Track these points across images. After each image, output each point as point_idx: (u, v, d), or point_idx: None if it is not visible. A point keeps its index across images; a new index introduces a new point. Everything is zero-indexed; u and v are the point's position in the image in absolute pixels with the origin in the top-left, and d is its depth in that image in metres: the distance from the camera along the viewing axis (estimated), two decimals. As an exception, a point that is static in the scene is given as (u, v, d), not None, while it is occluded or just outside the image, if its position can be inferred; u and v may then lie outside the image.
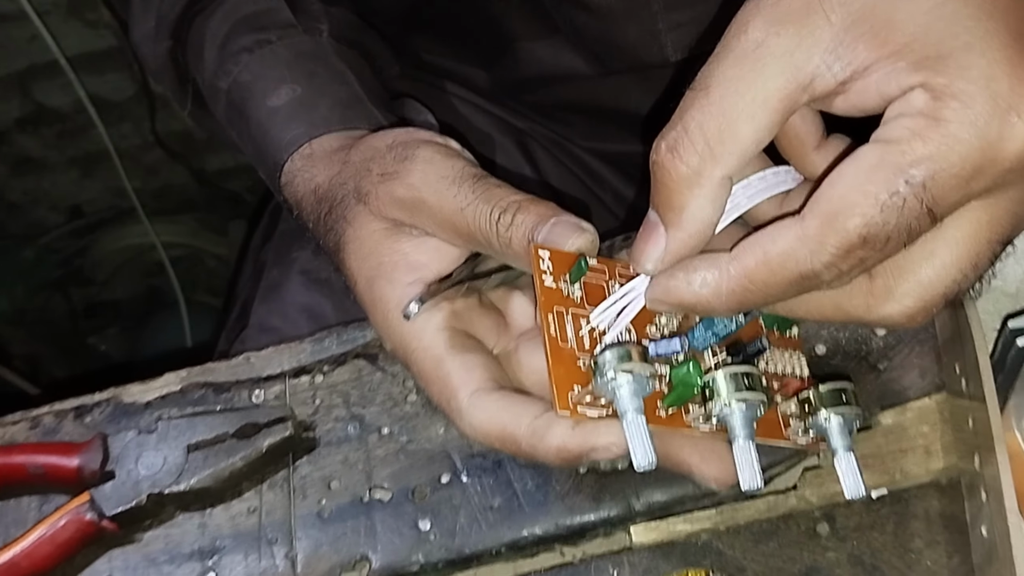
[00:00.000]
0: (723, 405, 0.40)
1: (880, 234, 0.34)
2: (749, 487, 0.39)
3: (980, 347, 0.42)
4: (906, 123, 0.33)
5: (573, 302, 0.41)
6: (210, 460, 0.50)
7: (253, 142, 0.60)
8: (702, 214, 0.37)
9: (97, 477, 0.51)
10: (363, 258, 0.47)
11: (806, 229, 0.34)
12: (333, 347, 0.56)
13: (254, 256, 0.82)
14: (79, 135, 1.42)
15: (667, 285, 0.38)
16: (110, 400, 0.56)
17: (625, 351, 0.38)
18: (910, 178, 0.33)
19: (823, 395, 0.42)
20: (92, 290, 1.66)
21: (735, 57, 0.35)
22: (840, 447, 0.41)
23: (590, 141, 0.77)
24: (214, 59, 0.64)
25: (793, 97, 0.35)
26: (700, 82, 0.36)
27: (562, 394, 0.39)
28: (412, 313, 0.43)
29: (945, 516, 0.47)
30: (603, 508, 0.49)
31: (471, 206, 0.43)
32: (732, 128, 0.35)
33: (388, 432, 0.52)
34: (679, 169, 0.36)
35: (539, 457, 0.41)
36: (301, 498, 0.51)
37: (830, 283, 0.36)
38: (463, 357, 0.44)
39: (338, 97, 0.60)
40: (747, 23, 0.35)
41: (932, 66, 0.33)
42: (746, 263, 0.36)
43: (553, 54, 0.67)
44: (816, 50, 0.34)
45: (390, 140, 0.48)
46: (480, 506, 0.49)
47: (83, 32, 1.31)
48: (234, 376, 0.55)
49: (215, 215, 1.59)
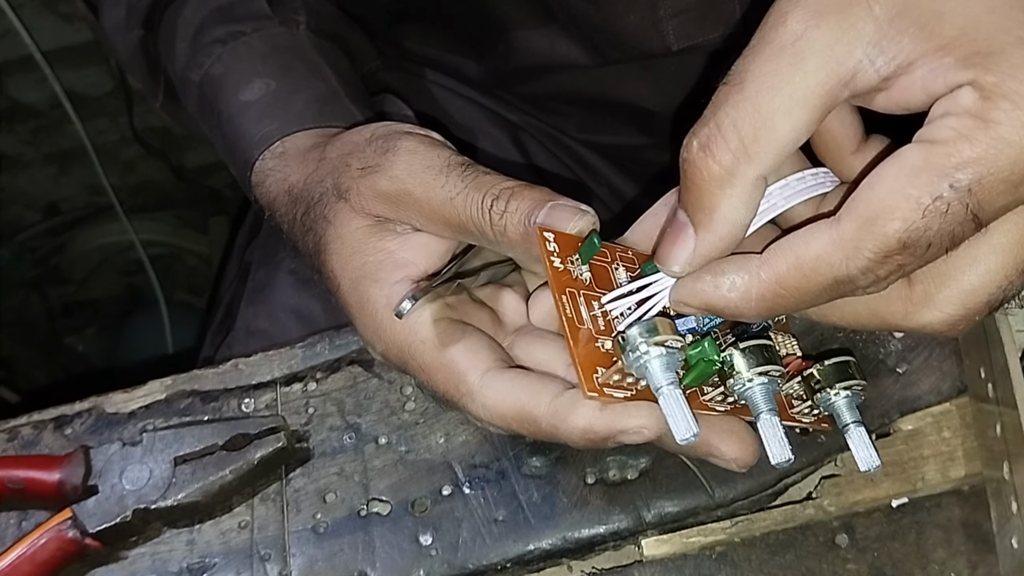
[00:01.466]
0: (745, 381, 0.39)
1: (921, 240, 0.32)
2: (779, 461, 0.38)
3: (1011, 351, 0.41)
4: (953, 123, 0.32)
5: (583, 284, 0.40)
6: (198, 473, 0.49)
7: (224, 138, 0.58)
8: (735, 215, 0.35)
9: (79, 492, 0.49)
10: (346, 258, 0.45)
11: (842, 232, 0.33)
12: (326, 352, 0.54)
13: (239, 256, 0.80)
14: (55, 131, 1.41)
15: (694, 287, 0.37)
16: (92, 410, 0.53)
17: (653, 324, 0.37)
18: (955, 182, 0.31)
19: (827, 371, 0.42)
20: (69, 289, 1.64)
21: (772, 50, 0.33)
22: (850, 421, 0.41)
23: (585, 133, 0.75)
24: (186, 50, 0.62)
25: (833, 93, 0.33)
26: (734, 76, 0.34)
27: (588, 376, 0.38)
28: (405, 311, 0.41)
29: (968, 525, 0.45)
30: (612, 520, 0.47)
31: (461, 195, 0.41)
32: (768, 125, 0.33)
33: (386, 442, 0.50)
34: (711, 168, 0.34)
35: (560, 437, 0.40)
36: (295, 512, 0.49)
37: (866, 289, 0.34)
38: (466, 341, 0.42)
39: (314, 93, 0.58)
40: (785, 14, 0.33)
41: (982, 63, 0.31)
42: (777, 267, 0.34)
43: (549, 44, 0.65)
44: (859, 43, 0.32)
45: (368, 134, 0.46)
46: (484, 519, 0.47)
47: (58, 26, 1.29)
48: (222, 384, 0.53)
49: (195, 212, 1.58)
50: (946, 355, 0.48)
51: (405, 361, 0.44)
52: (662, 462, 0.47)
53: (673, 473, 0.47)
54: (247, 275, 0.74)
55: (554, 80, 0.70)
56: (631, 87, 0.67)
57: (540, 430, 0.40)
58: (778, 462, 0.38)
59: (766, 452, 0.39)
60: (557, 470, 0.48)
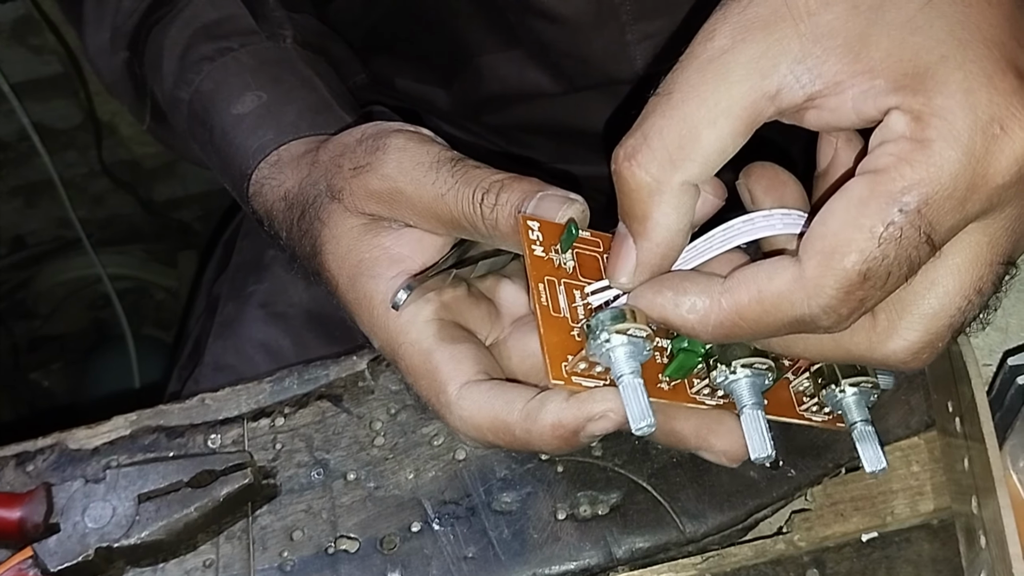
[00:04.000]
0: (728, 373, 0.39)
1: (880, 269, 0.32)
2: (759, 456, 0.38)
3: (977, 385, 0.41)
4: (891, 149, 0.32)
5: (565, 272, 0.40)
6: (163, 511, 0.48)
7: (218, 153, 0.58)
8: (667, 221, 0.35)
9: (41, 530, 0.48)
10: (342, 257, 0.45)
11: (803, 271, 0.33)
12: (294, 387, 0.53)
13: (207, 290, 0.79)
14: (22, 164, 1.40)
15: (653, 300, 0.37)
16: (54, 446, 0.52)
17: (620, 312, 0.37)
18: (904, 206, 0.32)
19: (838, 367, 0.41)
20: (35, 324, 1.62)
21: (700, 63, 0.34)
22: (858, 420, 0.40)
23: (555, 163, 0.76)
24: (174, 69, 0.62)
25: (758, 106, 0.34)
26: (663, 88, 0.35)
27: (555, 363, 0.38)
28: (400, 302, 0.41)
29: (938, 560, 0.45)
30: (583, 556, 0.46)
31: (452, 191, 0.42)
32: (693, 135, 0.34)
33: (354, 478, 0.50)
34: (639, 177, 0.35)
35: (534, 443, 0.40)
36: (261, 550, 0.48)
37: (829, 329, 0.34)
38: (452, 349, 0.42)
39: (307, 103, 0.58)
40: (714, 30, 0.34)
41: (910, 84, 0.32)
42: (739, 298, 0.35)
43: (517, 71, 0.66)
44: (783, 60, 0.33)
45: (359, 135, 0.47)
46: (453, 556, 0.47)
47: (27, 58, 1.29)
48: (188, 419, 0.53)
49: (164, 246, 1.57)
50: (914, 389, 0.48)
51: (395, 359, 0.44)
52: (633, 497, 0.47)
53: (644, 508, 0.47)
54: (215, 309, 0.73)
55: (523, 109, 0.70)
56: (598, 115, 0.68)
57: (515, 438, 0.40)
58: (757, 457, 0.38)
59: (748, 446, 0.38)
60: (528, 505, 0.48)
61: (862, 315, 0.34)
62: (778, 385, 0.41)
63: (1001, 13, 0.33)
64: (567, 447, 0.40)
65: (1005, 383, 0.42)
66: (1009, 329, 0.48)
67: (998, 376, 0.45)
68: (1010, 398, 0.42)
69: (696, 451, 0.42)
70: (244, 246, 0.76)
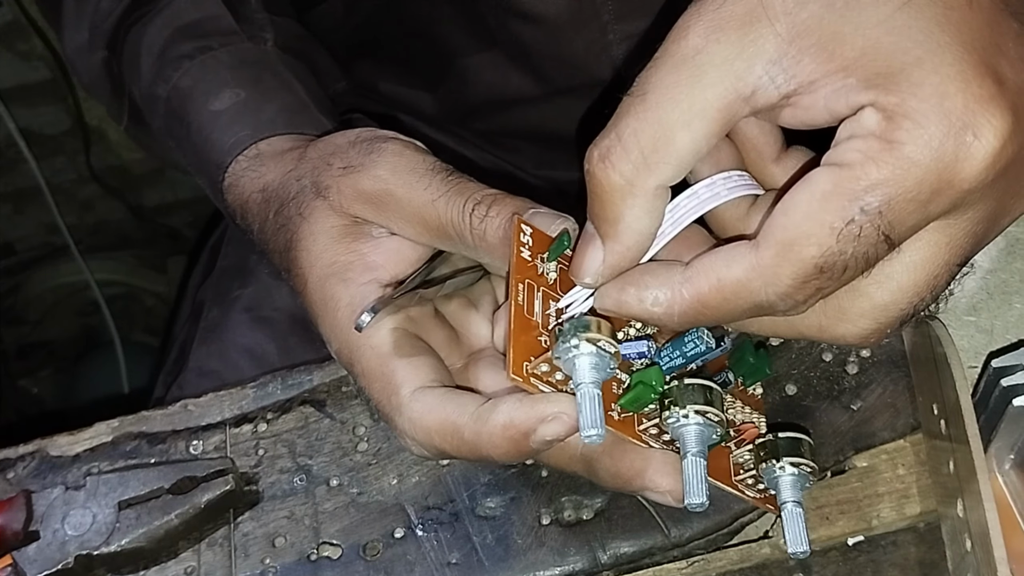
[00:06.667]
0: (680, 416, 0.39)
1: (837, 263, 0.33)
2: (692, 502, 0.38)
3: (962, 388, 0.41)
4: (859, 145, 0.32)
5: (546, 281, 0.40)
6: (143, 518, 0.47)
7: (194, 148, 0.58)
8: (638, 225, 0.35)
9: (20, 538, 0.47)
10: (316, 255, 0.44)
11: (761, 259, 0.33)
12: (277, 392, 0.53)
13: (193, 295, 0.79)
14: (10, 170, 1.39)
15: (618, 299, 0.37)
16: (35, 453, 0.52)
17: (595, 322, 0.37)
18: (866, 205, 0.32)
19: (779, 442, 0.41)
20: (24, 330, 1.61)
21: (674, 63, 0.34)
22: (789, 499, 0.40)
23: (541, 169, 0.75)
24: (152, 67, 0.62)
25: (733, 108, 0.34)
26: (637, 88, 0.34)
27: (518, 360, 0.37)
28: (364, 324, 0.41)
29: (924, 564, 0.45)
30: (568, 562, 0.46)
31: (443, 197, 0.42)
32: (667, 137, 0.34)
33: (337, 484, 0.49)
34: (612, 179, 0.34)
35: (483, 446, 0.39)
36: (243, 557, 0.48)
37: (786, 312, 0.34)
38: (411, 357, 0.42)
39: (284, 102, 0.58)
40: (688, 29, 0.34)
41: (883, 83, 0.32)
42: (700, 287, 0.35)
43: (501, 74, 0.66)
44: (758, 60, 0.33)
45: (353, 137, 0.47)
46: (437, 562, 0.47)
47: (15, 64, 1.29)
48: (170, 425, 0.52)
49: (153, 252, 1.56)
50: (900, 391, 0.48)
51: (352, 363, 0.43)
52: (617, 502, 0.47)
53: (629, 513, 0.47)
54: (200, 314, 0.73)
55: (508, 114, 0.70)
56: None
57: (463, 441, 0.40)
58: (691, 503, 0.38)
59: (684, 491, 0.38)
60: (512, 511, 0.47)
61: (818, 301, 0.34)
62: (719, 451, 0.41)
63: (983, 18, 0.33)
64: (516, 452, 0.39)
65: (990, 385, 0.42)
66: (994, 331, 0.48)
67: (982, 378, 0.44)
68: (994, 400, 0.41)
69: (640, 491, 0.41)
70: (229, 251, 0.76)
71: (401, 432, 0.42)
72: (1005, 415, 0.41)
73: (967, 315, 0.48)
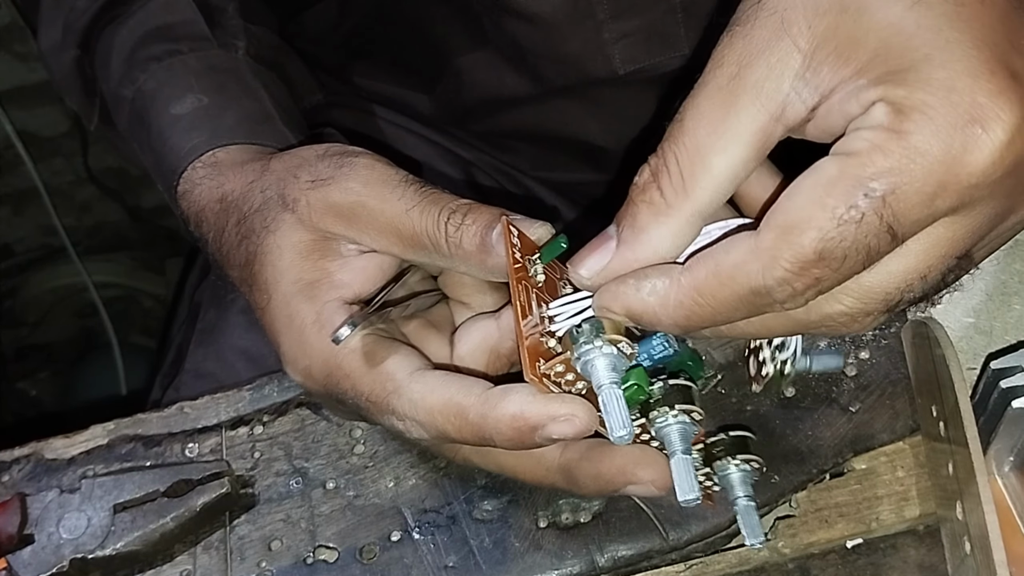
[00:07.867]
0: (669, 416, 0.40)
1: (837, 250, 0.32)
2: (687, 498, 0.38)
3: (961, 390, 0.40)
4: (867, 135, 0.32)
5: (535, 283, 0.40)
6: (139, 521, 0.47)
7: (152, 151, 0.57)
8: (660, 244, 0.36)
9: (15, 541, 0.47)
10: (282, 271, 0.44)
11: (760, 242, 0.33)
12: (274, 395, 0.53)
13: (189, 297, 0.78)
14: (7, 172, 1.39)
15: (617, 290, 0.37)
16: (30, 456, 0.52)
17: (606, 322, 0.38)
18: (870, 191, 0.32)
19: (730, 441, 0.42)
20: (22, 332, 1.61)
21: (709, 91, 0.35)
22: (741, 495, 0.41)
23: (538, 170, 0.75)
24: (120, 67, 0.61)
25: (768, 130, 0.34)
26: (680, 114, 0.35)
27: (532, 362, 0.38)
28: (343, 337, 0.41)
29: (924, 567, 0.45)
30: (565, 565, 0.46)
31: (417, 207, 0.42)
32: (704, 163, 0.34)
33: (334, 487, 0.49)
34: (653, 196, 0.35)
35: (487, 430, 0.39)
36: (239, 561, 0.48)
37: (784, 304, 0.34)
38: (400, 348, 0.42)
39: (246, 112, 0.57)
40: (722, 57, 0.35)
41: (892, 79, 0.32)
42: (697, 274, 0.35)
43: (496, 74, 0.66)
44: (786, 77, 0.34)
45: (322, 151, 0.46)
46: (434, 565, 0.46)
47: (12, 65, 1.28)
48: (166, 428, 0.52)
49: (152, 253, 1.56)
50: (898, 394, 0.48)
51: (330, 372, 0.42)
52: (615, 504, 0.47)
53: (626, 516, 0.46)
54: (197, 316, 0.72)
55: (504, 116, 0.70)
56: (579, 123, 0.68)
57: (467, 423, 0.39)
58: (685, 499, 0.38)
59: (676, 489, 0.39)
60: (509, 514, 0.47)
61: (818, 294, 0.34)
62: None
63: (995, 14, 0.33)
64: (519, 442, 0.39)
65: (989, 387, 0.42)
66: (993, 332, 0.47)
67: (981, 380, 0.44)
68: (993, 402, 0.41)
69: (623, 489, 0.42)
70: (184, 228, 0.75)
71: (401, 415, 0.41)
72: (1004, 417, 0.41)
73: (966, 317, 0.48)
